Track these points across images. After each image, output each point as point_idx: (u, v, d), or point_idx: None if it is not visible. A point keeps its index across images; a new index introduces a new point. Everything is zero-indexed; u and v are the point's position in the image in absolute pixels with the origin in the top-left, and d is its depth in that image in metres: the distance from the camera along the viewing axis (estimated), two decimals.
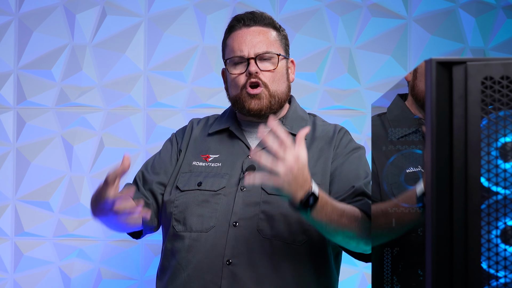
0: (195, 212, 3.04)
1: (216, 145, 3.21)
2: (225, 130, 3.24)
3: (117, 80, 4.52)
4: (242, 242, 2.96)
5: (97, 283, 4.49)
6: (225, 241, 2.97)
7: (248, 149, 3.14)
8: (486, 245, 1.74)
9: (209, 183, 3.08)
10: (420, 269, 1.94)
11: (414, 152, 2.07)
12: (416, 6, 4.52)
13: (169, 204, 3.13)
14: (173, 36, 4.53)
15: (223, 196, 3.04)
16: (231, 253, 2.95)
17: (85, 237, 4.46)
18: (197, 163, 3.16)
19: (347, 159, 3.12)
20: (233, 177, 3.07)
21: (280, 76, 3.13)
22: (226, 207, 3.02)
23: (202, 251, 2.98)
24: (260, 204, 3.00)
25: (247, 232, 2.94)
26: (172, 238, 3.10)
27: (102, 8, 4.52)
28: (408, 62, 4.51)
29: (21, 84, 4.51)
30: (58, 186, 4.50)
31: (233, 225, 2.98)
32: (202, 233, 3.00)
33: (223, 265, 2.95)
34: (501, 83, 1.74)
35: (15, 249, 4.49)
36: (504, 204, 1.73)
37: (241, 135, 3.19)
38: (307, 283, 3.05)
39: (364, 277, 4.40)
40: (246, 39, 3.12)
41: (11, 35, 4.50)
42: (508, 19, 4.49)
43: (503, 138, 1.74)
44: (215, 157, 3.16)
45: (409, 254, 2.15)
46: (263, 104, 3.07)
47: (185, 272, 3.01)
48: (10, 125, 4.51)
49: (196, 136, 3.28)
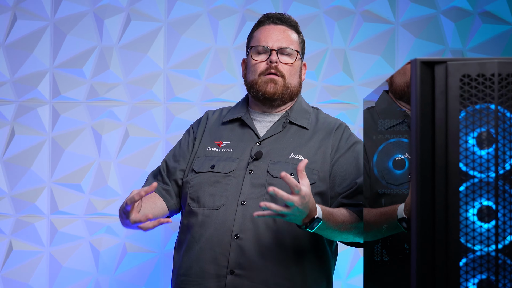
0: (207, 192, 3.07)
1: (228, 133, 3.22)
2: (237, 119, 3.25)
3: (140, 77, 4.52)
4: (248, 219, 2.98)
5: (122, 256, 4.49)
6: (233, 217, 2.99)
7: (258, 137, 3.16)
8: (464, 222, 1.75)
9: (221, 166, 3.10)
10: (406, 243, 1.95)
11: (401, 141, 2.08)
12: (403, 12, 4.51)
13: (186, 184, 3.16)
14: (189, 38, 4.53)
15: (233, 178, 3.06)
16: (239, 229, 2.98)
17: (112, 215, 4.46)
18: (211, 149, 3.19)
19: (348, 153, 3.14)
20: (242, 161, 3.09)
21: (295, 72, 3.17)
22: (235, 188, 3.04)
23: (213, 226, 3.01)
24: (265, 186, 3.00)
25: (253, 210, 2.90)
26: (187, 215, 3.13)
27: (127, 14, 4.52)
28: (396, 61, 4.50)
29: (56, 81, 4.51)
30: (88, 171, 4.51)
31: (241, 203, 3.00)
32: (214, 210, 3.03)
33: (232, 239, 2.97)
34: (477, 80, 1.74)
35: (51, 226, 4.50)
36: (480, 186, 1.74)
37: (251, 124, 3.21)
38: (306, 256, 3.07)
39: (356, 251, 4.39)
40: (272, 33, 3.16)
41: (47, 38, 4.50)
42: (483, 24, 4.48)
43: (479, 128, 1.74)
44: (227, 143, 3.18)
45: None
46: (277, 89, 3.10)
47: (198, 244, 3.04)
48: (46, 117, 4.51)
49: (211, 125, 3.30)
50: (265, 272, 2.99)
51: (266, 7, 4.48)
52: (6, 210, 4.49)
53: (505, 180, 1.74)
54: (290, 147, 3.12)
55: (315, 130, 3.20)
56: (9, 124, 4.50)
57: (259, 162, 3.07)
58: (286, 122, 3.18)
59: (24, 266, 4.49)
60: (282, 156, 3.09)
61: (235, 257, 2.97)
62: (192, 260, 3.06)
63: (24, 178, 4.50)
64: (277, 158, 3.08)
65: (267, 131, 3.18)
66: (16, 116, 4.50)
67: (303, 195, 2.57)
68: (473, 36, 4.49)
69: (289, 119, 3.18)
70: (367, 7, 4.52)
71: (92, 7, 4.52)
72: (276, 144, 3.13)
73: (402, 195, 2.20)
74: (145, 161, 4.50)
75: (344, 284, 4.42)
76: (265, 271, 2.98)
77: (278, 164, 3.05)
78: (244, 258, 2.97)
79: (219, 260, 2.98)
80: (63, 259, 4.49)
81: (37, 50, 4.51)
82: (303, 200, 2.59)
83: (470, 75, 1.75)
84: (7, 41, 4.50)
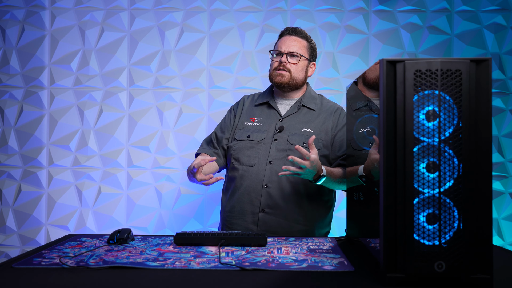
0: (245, 154, 3.13)
1: (259, 112, 3.27)
2: (265, 103, 3.29)
3: (190, 72, 4.52)
4: (274, 174, 3.05)
5: (178, 197, 4.52)
6: (264, 173, 3.06)
7: (280, 115, 3.21)
8: (417, 173, 1.76)
9: (254, 135, 3.15)
10: (376, 188, 1.96)
11: (373, 116, 2.08)
12: (374, 26, 4.49)
13: (230, 148, 3.21)
14: (224, 45, 4.53)
15: (263, 144, 3.12)
16: (268, 180, 3.05)
17: (171, 168, 4.48)
18: (247, 123, 3.23)
19: (344, 128, 3.18)
20: (269, 133, 3.15)
21: (300, 69, 3.20)
22: (265, 151, 3.10)
23: (249, 178, 3.09)
24: (286, 151, 3.08)
25: (278, 167, 3.01)
26: (232, 170, 3.18)
27: (181, 27, 4.51)
28: (369, 61, 4.49)
29: (131, 74, 4.52)
30: (154, 137, 4.52)
31: (269, 163, 3.07)
32: (249, 167, 3.10)
33: (263, 188, 3.05)
34: (426, 73, 1.75)
35: (127, 176, 4.53)
36: (428, 148, 1.74)
37: (275, 106, 3.25)
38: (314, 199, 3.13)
39: (341, 193, 4.39)
40: (286, 41, 3.20)
41: (125, 44, 4.51)
42: (430, 35, 4.45)
43: (427, 107, 1.75)
44: (258, 119, 3.22)
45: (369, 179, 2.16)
46: (283, 80, 3.16)
47: (239, 191, 3.11)
48: (125, 99, 4.52)
49: (247, 106, 3.34)
50: (285, 211, 3.06)
51: (278, 23, 4.49)
52: (96, 164, 4.52)
53: (445, 143, 1.74)
54: (303, 123, 3.18)
55: (320, 111, 3.25)
56: (99, 104, 4.52)
57: (281, 133, 3.13)
58: (300, 105, 3.23)
59: (109, 204, 4.53)
60: (298, 129, 3.15)
61: (265, 200, 3.05)
62: (235, 201, 3.12)
63: (109, 142, 4.52)
64: (294, 131, 3.14)
65: (286, 111, 3.22)
66: (104, 99, 4.52)
67: (312, 161, 2.69)
68: (423, 43, 4.47)
69: (302, 103, 3.23)
70: (349, 22, 4.51)
71: (157, 22, 4.52)
72: (293, 121, 3.18)
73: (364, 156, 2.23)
74: (193, 131, 4.52)
75: (333, 216, 4.43)
76: (286, 210, 3.06)
77: (295, 135, 3.12)
78: (271, 200, 3.05)
79: (254, 202, 3.06)
80: (136, 199, 4.52)
81: (118, 53, 4.51)
82: (312, 164, 2.70)
83: (421, 70, 1.75)
84: (97, 46, 4.51)
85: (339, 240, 2.67)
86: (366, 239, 2.21)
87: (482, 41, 4.44)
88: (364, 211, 2.29)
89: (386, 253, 1.81)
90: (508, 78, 4.42)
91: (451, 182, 1.75)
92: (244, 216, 3.08)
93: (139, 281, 1.85)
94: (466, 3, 4.45)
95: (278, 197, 3.05)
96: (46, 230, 4.49)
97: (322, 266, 2.08)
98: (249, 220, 3.07)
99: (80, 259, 2.16)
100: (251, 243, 2.46)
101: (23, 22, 4.51)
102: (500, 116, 4.42)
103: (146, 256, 2.22)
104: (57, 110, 4.51)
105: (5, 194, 4.50)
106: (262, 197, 3.04)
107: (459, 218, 1.75)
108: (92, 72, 4.51)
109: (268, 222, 3.04)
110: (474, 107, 1.78)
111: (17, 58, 4.50)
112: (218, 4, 4.53)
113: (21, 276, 1.92)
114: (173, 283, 1.84)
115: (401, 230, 1.78)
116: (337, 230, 4.35)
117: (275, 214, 3.05)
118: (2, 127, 4.51)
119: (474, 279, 1.78)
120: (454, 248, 1.74)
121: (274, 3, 4.52)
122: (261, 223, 3.04)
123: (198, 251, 2.35)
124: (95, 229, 4.49)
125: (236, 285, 1.82)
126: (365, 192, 2.29)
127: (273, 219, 3.04)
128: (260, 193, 3.05)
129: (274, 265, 2.08)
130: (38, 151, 4.50)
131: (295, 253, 2.33)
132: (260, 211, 3.05)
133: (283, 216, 3.06)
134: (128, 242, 2.53)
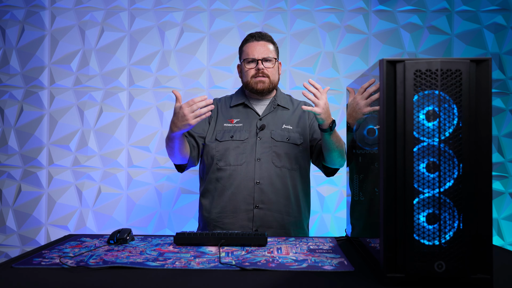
0: (231, 153, 3.17)
1: (236, 113, 3.31)
2: (241, 103, 3.34)
3: (190, 72, 4.52)
4: (264, 170, 3.13)
5: (177, 196, 4.52)
6: (253, 170, 3.12)
7: (258, 115, 3.28)
8: (417, 173, 1.75)
9: (237, 135, 3.20)
10: (376, 188, 1.95)
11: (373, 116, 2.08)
12: (374, 26, 4.49)
13: (212, 149, 3.22)
14: (224, 45, 4.52)
15: (247, 143, 3.18)
16: (259, 177, 3.12)
17: (171, 168, 4.48)
18: (226, 125, 3.26)
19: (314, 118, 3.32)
20: (251, 132, 3.21)
21: (275, 72, 3.28)
22: (251, 149, 3.17)
23: (240, 177, 3.13)
24: (271, 147, 3.17)
25: (266, 164, 3.13)
26: (215, 171, 3.20)
27: (181, 27, 4.51)
28: (369, 61, 4.49)
29: (131, 74, 4.51)
30: (154, 137, 4.52)
31: (257, 160, 3.14)
32: (238, 166, 3.15)
33: (254, 184, 3.11)
34: (426, 73, 1.75)
35: (127, 175, 4.52)
36: (428, 148, 1.74)
37: (252, 107, 3.31)
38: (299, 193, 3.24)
39: (341, 193, 4.40)
40: (256, 48, 3.23)
41: (125, 44, 4.50)
42: (430, 35, 4.45)
43: (427, 107, 1.75)
44: (237, 120, 3.27)
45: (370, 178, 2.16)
46: (265, 86, 3.24)
47: (229, 190, 3.14)
48: (125, 99, 4.52)
49: (221, 108, 3.37)
50: (277, 205, 3.12)
51: (278, 23, 4.48)
52: (96, 164, 4.52)
53: (445, 143, 1.74)
54: (281, 120, 3.27)
55: (294, 109, 3.36)
56: (99, 104, 4.52)
57: (264, 131, 3.20)
58: (275, 105, 3.32)
59: (109, 204, 4.53)
60: (278, 126, 3.24)
61: (258, 196, 3.10)
62: (225, 201, 3.14)
63: (109, 142, 4.52)
64: (275, 128, 3.23)
65: (263, 111, 3.30)
66: (104, 99, 4.52)
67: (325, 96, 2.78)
68: (423, 43, 4.47)
69: (277, 103, 3.33)
70: (349, 22, 4.50)
71: (157, 22, 4.52)
72: (272, 119, 3.27)
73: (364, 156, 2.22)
74: None
75: (333, 216, 4.43)
76: (278, 204, 3.13)
77: (277, 132, 3.21)
78: (264, 196, 3.11)
79: (247, 199, 3.11)
80: (136, 199, 4.52)
81: (118, 53, 4.51)
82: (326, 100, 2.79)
83: (421, 70, 1.75)
84: (97, 46, 4.51)
85: (339, 240, 2.67)
86: (366, 239, 2.21)
87: (482, 41, 4.44)
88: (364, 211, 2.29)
89: (386, 253, 1.80)
90: (508, 78, 4.42)
91: (451, 182, 1.75)
92: (238, 214, 3.12)
93: (139, 281, 1.85)
94: (466, 3, 4.45)
95: (270, 192, 3.12)
96: (46, 230, 4.49)
97: (322, 266, 2.08)
98: (243, 218, 3.11)
99: (80, 259, 2.16)
100: (251, 243, 2.47)
101: (23, 22, 4.51)
102: (500, 116, 4.42)
103: (146, 256, 2.22)
104: (57, 110, 4.51)
105: (5, 194, 4.50)
106: (255, 193, 3.11)
107: (459, 218, 1.75)
108: (92, 72, 4.51)
109: (263, 217, 3.10)
110: (474, 107, 1.78)
111: (17, 58, 4.50)
112: (218, 4, 4.52)
113: (21, 276, 1.92)
114: (173, 283, 1.83)
115: (401, 230, 1.78)
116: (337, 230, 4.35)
117: (269, 208, 3.11)
118: (2, 127, 4.51)
119: (474, 279, 1.78)
120: (454, 248, 1.74)
121: (274, 3, 4.52)
122: (256, 219, 3.09)
123: (198, 251, 2.35)
124: (95, 229, 4.49)
125: (236, 285, 1.82)
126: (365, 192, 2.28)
127: (267, 214, 3.10)
128: (252, 190, 3.11)
129: (274, 265, 2.08)
130: (38, 151, 4.50)
131: (295, 253, 2.33)
132: (255, 207, 3.10)
133: (277, 210, 3.13)
134: (128, 242, 2.54)
